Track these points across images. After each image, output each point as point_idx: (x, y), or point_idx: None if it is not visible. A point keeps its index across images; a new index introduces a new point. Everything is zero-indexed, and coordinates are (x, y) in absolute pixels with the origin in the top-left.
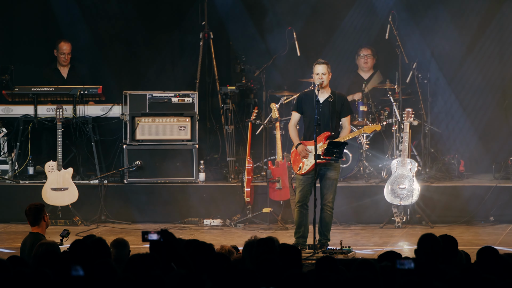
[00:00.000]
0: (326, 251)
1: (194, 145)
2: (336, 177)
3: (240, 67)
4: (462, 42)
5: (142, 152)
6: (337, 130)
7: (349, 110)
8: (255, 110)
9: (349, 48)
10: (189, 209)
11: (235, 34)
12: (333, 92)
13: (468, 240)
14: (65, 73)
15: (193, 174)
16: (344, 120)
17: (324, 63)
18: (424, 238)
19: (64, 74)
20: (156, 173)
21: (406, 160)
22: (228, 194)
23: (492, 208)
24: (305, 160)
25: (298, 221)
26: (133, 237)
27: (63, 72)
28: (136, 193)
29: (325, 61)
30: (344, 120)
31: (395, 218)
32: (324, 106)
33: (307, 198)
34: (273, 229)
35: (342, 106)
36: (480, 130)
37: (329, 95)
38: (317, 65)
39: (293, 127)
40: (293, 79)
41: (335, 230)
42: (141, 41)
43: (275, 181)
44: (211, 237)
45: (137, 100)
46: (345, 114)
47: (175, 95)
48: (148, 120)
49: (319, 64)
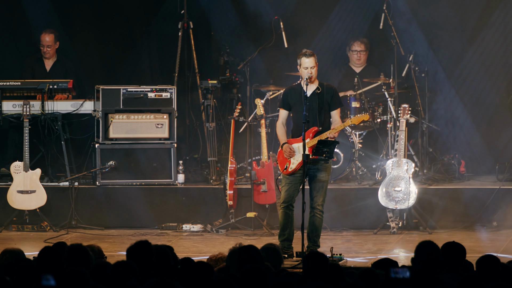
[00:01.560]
0: None
1: (172, 144)
2: (326, 179)
3: (224, 59)
4: (463, 32)
5: (116, 151)
6: (326, 125)
7: (339, 102)
8: (238, 106)
9: (341, 38)
10: (167, 214)
11: (217, 24)
12: (320, 83)
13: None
14: (48, 66)
15: (171, 176)
16: (334, 114)
17: (311, 55)
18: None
19: (47, 67)
20: (131, 175)
21: (402, 160)
22: (209, 198)
23: (495, 212)
24: (291, 159)
25: (283, 223)
26: (107, 244)
27: (47, 64)
28: (110, 196)
29: (312, 52)
30: (334, 113)
31: (390, 223)
32: (312, 99)
33: (293, 198)
34: (258, 235)
35: (332, 98)
36: (482, 128)
37: (316, 87)
38: (304, 58)
39: (281, 126)
40: (280, 72)
41: (325, 236)
42: (115, 31)
43: (260, 183)
44: (190, 243)
45: (111, 95)
46: (335, 106)
47: (151, 90)
48: (122, 117)
49: (306, 56)
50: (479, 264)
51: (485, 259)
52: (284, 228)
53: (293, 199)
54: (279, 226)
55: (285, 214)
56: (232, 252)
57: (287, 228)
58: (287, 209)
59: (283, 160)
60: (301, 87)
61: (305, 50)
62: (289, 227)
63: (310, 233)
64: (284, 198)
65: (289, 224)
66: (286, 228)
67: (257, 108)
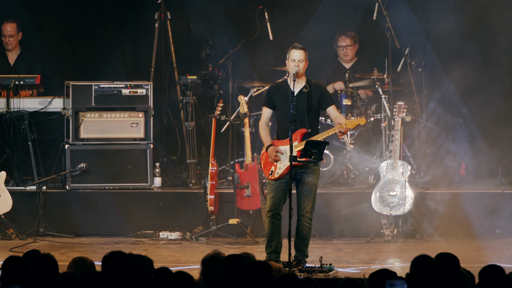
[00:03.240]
0: (303, 269)
1: (148, 145)
2: (315, 183)
3: (206, 52)
4: (464, 23)
5: (87, 153)
6: (315, 126)
7: (330, 99)
8: (220, 104)
9: (331, 30)
10: (142, 220)
11: (197, 15)
12: (308, 81)
13: (470, 257)
14: (12, 59)
15: (147, 179)
16: (331, 110)
17: (302, 48)
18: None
19: (11, 61)
20: (103, 178)
21: (397, 162)
22: (189, 203)
23: (499, 219)
24: (277, 163)
25: (270, 233)
26: (77, 253)
27: (11, 58)
28: (80, 201)
29: (303, 47)
30: (331, 110)
31: (385, 230)
32: (299, 98)
33: (280, 206)
34: (241, 243)
35: (321, 97)
36: (484, 127)
37: (304, 85)
38: (293, 50)
39: (264, 125)
40: (265, 67)
41: (314, 244)
42: (86, 23)
43: (244, 187)
44: (168, 253)
45: (82, 92)
46: (327, 104)
47: (126, 86)
48: (94, 116)
49: (296, 49)
50: (482, 275)
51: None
52: (270, 239)
53: (279, 207)
54: (266, 236)
55: (271, 224)
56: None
57: (274, 239)
58: (273, 219)
59: (267, 164)
60: (287, 84)
61: (297, 43)
62: (276, 238)
63: (297, 242)
64: (270, 207)
65: (276, 234)
66: (273, 239)
67: (240, 106)
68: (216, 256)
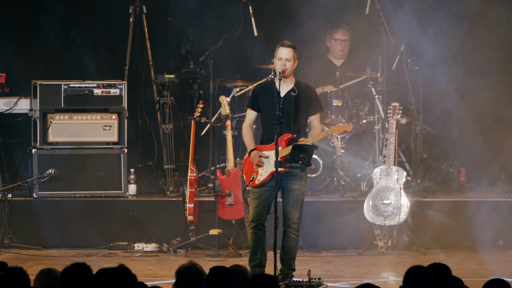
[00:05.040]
0: (290, 284)
1: (122, 149)
2: (303, 190)
3: (186, 49)
4: (464, 17)
5: (56, 158)
6: (302, 132)
7: (318, 106)
8: (200, 105)
9: (320, 26)
10: (116, 231)
11: (175, 8)
12: (297, 83)
13: (470, 270)
14: None
15: (121, 186)
16: (313, 119)
17: (291, 46)
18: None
19: None
20: (73, 185)
21: (392, 168)
22: (166, 212)
23: (501, 229)
24: (259, 169)
25: (253, 245)
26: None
27: None
28: (49, 210)
29: (292, 44)
30: (313, 118)
31: (378, 242)
32: (286, 101)
33: (264, 216)
34: (223, 255)
35: (310, 101)
36: (485, 131)
37: (292, 88)
38: (281, 48)
39: (248, 128)
40: (249, 65)
41: (301, 257)
42: (55, 18)
43: (226, 195)
44: (143, 266)
45: (50, 92)
46: (314, 111)
47: (98, 86)
48: (63, 118)
49: (284, 46)
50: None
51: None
52: (254, 252)
53: (263, 217)
54: (249, 249)
55: (255, 235)
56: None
57: (258, 252)
58: (257, 229)
59: (249, 170)
60: (274, 84)
61: (286, 41)
62: (261, 250)
63: (283, 255)
64: (253, 217)
65: (260, 247)
66: (257, 251)
67: (222, 107)
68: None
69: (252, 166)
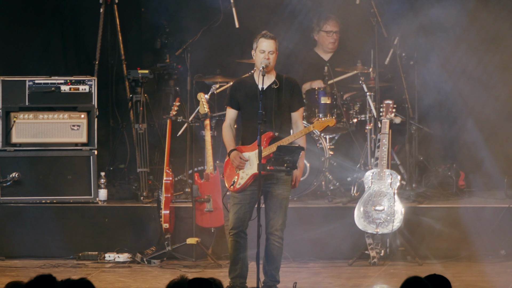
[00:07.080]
0: None
1: (91, 151)
2: (287, 195)
3: (162, 41)
4: (463, 7)
5: (20, 160)
6: (285, 129)
7: (300, 101)
8: (176, 103)
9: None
10: (85, 240)
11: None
12: (279, 76)
13: (470, 282)
14: None
15: (91, 191)
16: (295, 116)
17: (272, 37)
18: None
19: None
20: (39, 190)
21: (384, 171)
22: (139, 219)
23: (504, 238)
24: (240, 172)
25: (234, 255)
26: (8, 278)
27: None
28: (12, 216)
29: (273, 35)
30: (295, 115)
31: (370, 252)
32: (267, 96)
33: (245, 223)
34: (201, 266)
35: (292, 95)
36: (486, 131)
37: (273, 80)
38: (262, 39)
39: (228, 128)
40: (229, 59)
41: (286, 268)
42: (18, 8)
43: (204, 201)
44: (115, 278)
45: (13, 89)
46: (296, 107)
47: (65, 82)
48: (28, 117)
49: (266, 38)
50: None
51: None
52: (235, 261)
53: (245, 224)
54: (229, 258)
55: (235, 244)
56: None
57: (239, 262)
58: (237, 237)
59: (230, 173)
60: (254, 80)
61: (266, 31)
62: (242, 260)
63: (266, 265)
64: (234, 224)
65: (241, 256)
66: (238, 261)
67: (200, 105)
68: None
69: (234, 169)
